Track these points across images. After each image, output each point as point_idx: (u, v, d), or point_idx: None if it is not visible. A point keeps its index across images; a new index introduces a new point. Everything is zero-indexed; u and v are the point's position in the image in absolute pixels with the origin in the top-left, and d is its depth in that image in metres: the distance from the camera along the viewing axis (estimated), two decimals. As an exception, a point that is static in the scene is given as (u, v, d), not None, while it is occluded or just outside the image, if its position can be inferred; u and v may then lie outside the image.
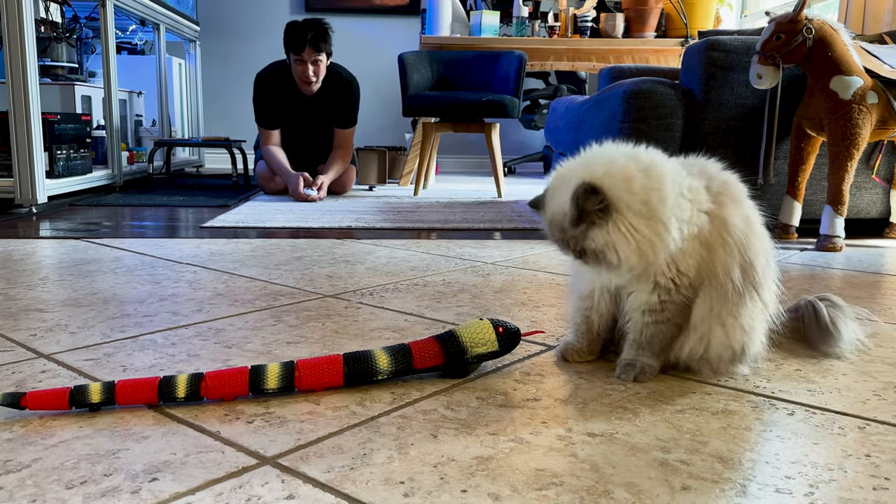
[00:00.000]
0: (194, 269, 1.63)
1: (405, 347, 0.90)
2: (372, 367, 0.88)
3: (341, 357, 0.88)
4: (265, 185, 3.39)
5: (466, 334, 0.92)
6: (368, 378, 0.88)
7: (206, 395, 0.83)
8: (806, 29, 1.96)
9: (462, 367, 0.92)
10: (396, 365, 0.89)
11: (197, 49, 4.89)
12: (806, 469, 0.69)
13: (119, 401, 0.81)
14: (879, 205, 2.31)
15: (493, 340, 0.93)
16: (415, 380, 0.92)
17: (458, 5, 4.03)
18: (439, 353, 0.91)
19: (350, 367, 0.87)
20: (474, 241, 2.13)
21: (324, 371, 0.86)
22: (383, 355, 0.89)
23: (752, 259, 0.90)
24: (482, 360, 0.93)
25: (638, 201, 0.84)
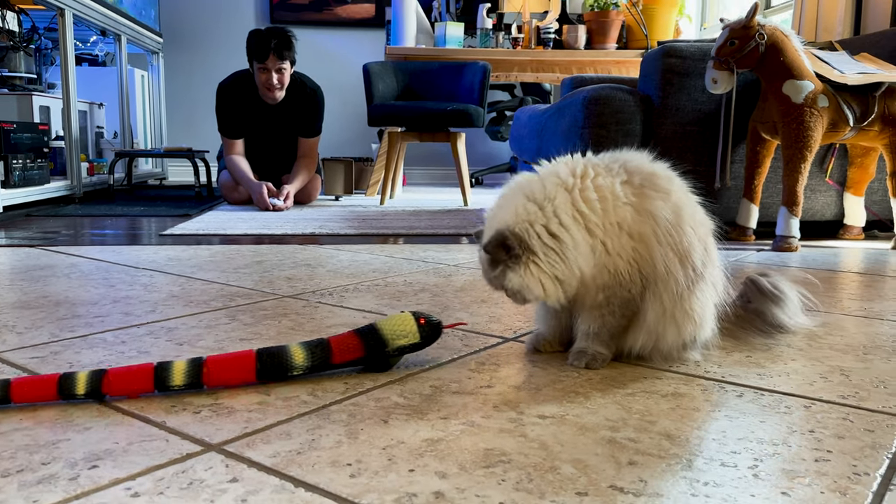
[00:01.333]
0: (150, 273, 1.60)
1: (323, 342, 0.88)
2: (287, 362, 0.85)
3: (254, 352, 0.85)
4: (229, 195, 3.36)
5: (387, 327, 0.90)
6: (283, 373, 0.85)
7: (109, 393, 0.80)
8: (758, 34, 2.01)
9: (384, 361, 0.90)
10: (313, 360, 0.86)
11: (160, 60, 4.84)
12: (751, 445, 0.70)
13: (16, 399, 0.78)
14: (834, 207, 2.37)
15: (414, 332, 0.90)
16: (368, 370, 0.91)
17: (422, 17, 4.06)
18: (359, 346, 0.88)
19: (263, 363, 0.84)
20: (439, 245, 2.13)
21: (234, 367, 0.83)
22: (299, 350, 0.86)
23: (689, 249, 0.90)
24: (404, 353, 0.91)
25: (542, 242, 0.88)
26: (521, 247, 0.88)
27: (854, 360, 0.98)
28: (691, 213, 0.92)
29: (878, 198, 2.38)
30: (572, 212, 0.89)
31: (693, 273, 0.90)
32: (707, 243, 0.93)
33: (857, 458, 0.67)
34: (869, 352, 1.02)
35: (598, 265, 0.89)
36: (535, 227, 0.89)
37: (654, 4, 4.00)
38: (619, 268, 0.90)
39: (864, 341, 1.08)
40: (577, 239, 0.88)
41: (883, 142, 2.11)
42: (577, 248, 0.88)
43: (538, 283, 0.88)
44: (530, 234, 0.88)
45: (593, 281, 0.90)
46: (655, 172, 0.93)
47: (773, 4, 3.92)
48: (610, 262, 0.89)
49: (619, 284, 0.90)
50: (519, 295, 0.90)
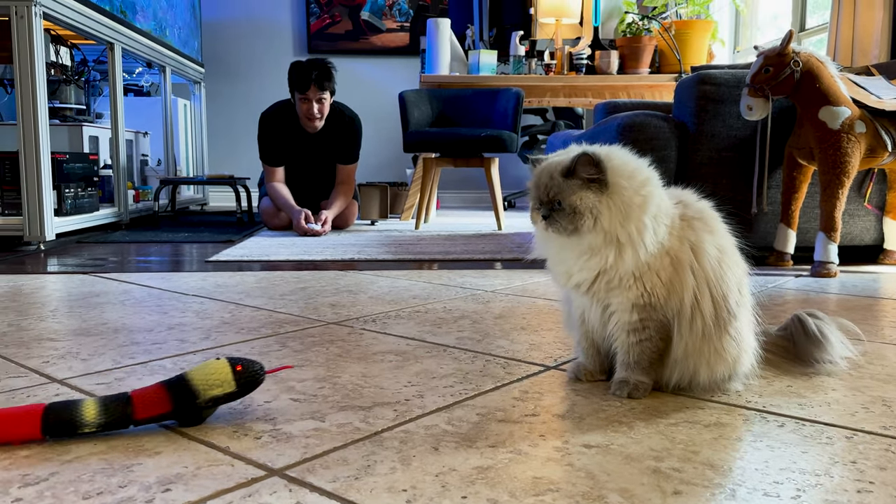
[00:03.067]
0: (200, 300, 1.66)
1: (124, 396, 0.83)
2: (76, 417, 0.79)
3: (43, 407, 0.80)
4: (269, 221, 3.44)
5: (199, 376, 0.84)
6: (72, 430, 0.80)
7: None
8: (793, 62, 2.02)
9: (196, 414, 0.84)
10: (108, 416, 0.80)
11: (202, 90, 5.00)
12: (794, 475, 0.71)
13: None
14: (873, 231, 2.35)
15: (229, 381, 0.85)
16: (415, 398, 0.95)
17: (456, 45, 4.13)
18: (166, 399, 0.83)
19: (48, 418, 0.79)
20: (475, 271, 2.16)
21: (15, 422, 0.79)
22: (92, 405, 0.81)
23: (726, 291, 0.94)
24: (219, 404, 0.85)
25: (632, 192, 0.90)
26: (609, 174, 0.89)
27: (896, 391, 0.99)
28: (732, 253, 0.96)
29: (919, 222, 2.35)
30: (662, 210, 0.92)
31: (727, 314, 0.93)
32: (742, 285, 0.96)
33: (900, 490, 0.68)
34: (911, 382, 1.03)
35: (637, 273, 0.92)
36: (635, 178, 0.90)
37: (686, 29, 4.03)
38: (655, 287, 0.93)
39: (906, 371, 1.08)
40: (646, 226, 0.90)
41: (923, 166, 2.09)
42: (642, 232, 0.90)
43: (608, 216, 0.89)
44: (629, 179, 0.90)
45: (629, 288, 0.92)
46: (706, 210, 0.98)
47: (808, 27, 3.91)
48: (648, 276, 0.92)
49: (653, 306, 0.93)
50: (578, 214, 0.89)
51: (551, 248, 0.98)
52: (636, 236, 0.90)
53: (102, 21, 3.13)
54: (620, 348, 0.97)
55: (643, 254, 0.91)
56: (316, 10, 5.20)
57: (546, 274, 2.06)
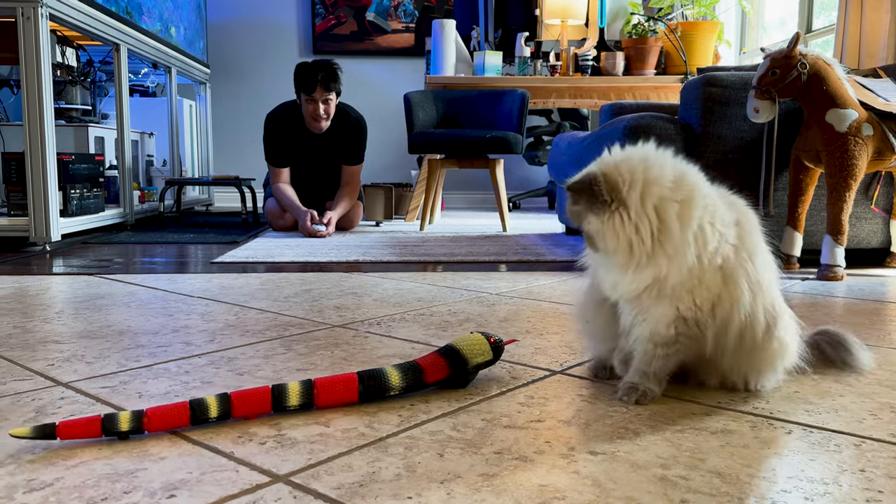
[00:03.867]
0: (206, 302, 1.66)
1: (415, 364, 0.96)
2: (386, 383, 0.93)
3: (356, 375, 0.92)
4: (274, 222, 3.44)
5: (465, 346, 0.98)
6: (383, 393, 0.93)
7: (233, 415, 0.87)
8: (800, 64, 2.01)
9: (465, 378, 1.00)
10: (407, 381, 0.94)
11: (207, 91, 5.00)
12: (802, 483, 0.71)
13: (150, 428, 0.83)
14: (880, 235, 2.34)
15: (488, 350, 1.00)
16: (420, 402, 0.95)
17: (461, 46, 4.13)
18: (445, 366, 0.97)
19: (365, 385, 0.92)
20: (479, 273, 2.16)
21: (340, 389, 0.91)
22: (394, 372, 0.94)
23: (773, 295, 0.95)
24: (479, 370, 1.00)
25: (643, 205, 0.86)
26: (610, 193, 0.86)
27: (904, 397, 0.98)
28: (766, 250, 0.97)
29: (927, 225, 2.34)
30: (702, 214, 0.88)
31: (773, 318, 0.94)
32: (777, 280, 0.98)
33: (909, 500, 0.67)
34: (919, 388, 1.02)
35: (689, 287, 0.89)
36: (652, 189, 0.86)
37: (692, 31, 4.02)
38: (704, 302, 0.91)
39: (915, 377, 1.08)
40: (683, 237, 0.86)
41: (930, 169, 2.08)
42: (679, 248, 0.86)
43: (614, 238, 0.87)
44: (630, 186, 0.86)
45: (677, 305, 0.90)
46: (743, 207, 0.96)
47: (815, 28, 3.90)
48: (699, 291, 0.90)
49: (696, 321, 0.92)
50: (591, 238, 0.91)
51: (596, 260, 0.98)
52: (681, 248, 0.86)
53: (108, 22, 3.14)
54: (642, 355, 0.95)
55: (685, 268, 0.88)
56: (321, 10, 5.21)
57: (551, 276, 2.07)
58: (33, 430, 0.78)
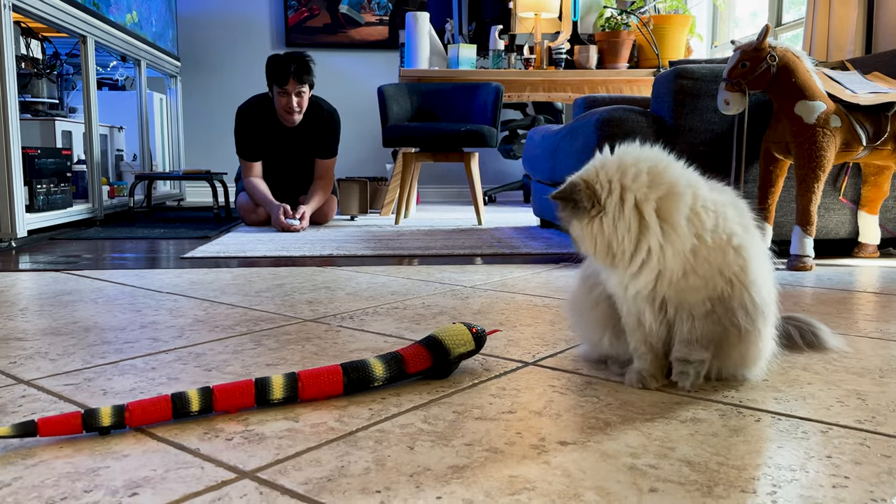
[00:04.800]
0: (175, 297, 1.64)
1: (397, 355, 0.97)
2: (370, 374, 0.93)
3: (340, 367, 0.93)
4: (246, 217, 3.41)
5: (447, 337, 1.00)
6: (367, 385, 0.94)
7: (215, 408, 0.86)
8: (770, 56, 2.03)
9: (447, 368, 1.01)
10: (391, 372, 0.95)
11: (178, 84, 4.93)
12: (770, 471, 0.71)
13: (132, 423, 0.81)
14: (848, 225, 2.37)
15: (470, 340, 1.01)
16: (392, 396, 0.94)
17: (435, 39, 4.11)
18: (427, 356, 0.98)
19: (349, 377, 0.92)
20: (454, 266, 2.16)
21: (324, 381, 0.91)
22: (378, 363, 0.95)
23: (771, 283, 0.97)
24: (462, 360, 1.01)
25: (621, 206, 0.88)
26: (590, 200, 0.89)
27: (870, 384, 0.99)
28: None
29: (893, 216, 2.38)
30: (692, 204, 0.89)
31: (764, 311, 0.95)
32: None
33: (874, 485, 0.68)
34: (885, 375, 1.04)
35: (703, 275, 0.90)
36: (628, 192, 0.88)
37: (664, 24, 4.04)
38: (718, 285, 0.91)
39: (880, 364, 1.09)
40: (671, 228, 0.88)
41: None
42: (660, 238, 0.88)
43: (591, 243, 0.90)
44: (608, 192, 0.88)
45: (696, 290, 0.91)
46: (740, 201, 1.00)
47: (785, 22, 3.94)
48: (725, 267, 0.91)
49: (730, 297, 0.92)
50: (575, 243, 0.93)
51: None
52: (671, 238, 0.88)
53: (74, 13, 3.07)
54: (685, 329, 0.93)
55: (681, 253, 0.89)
56: (294, 2, 5.15)
57: (526, 269, 2.07)
58: (13, 427, 0.76)
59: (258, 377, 0.90)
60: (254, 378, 0.90)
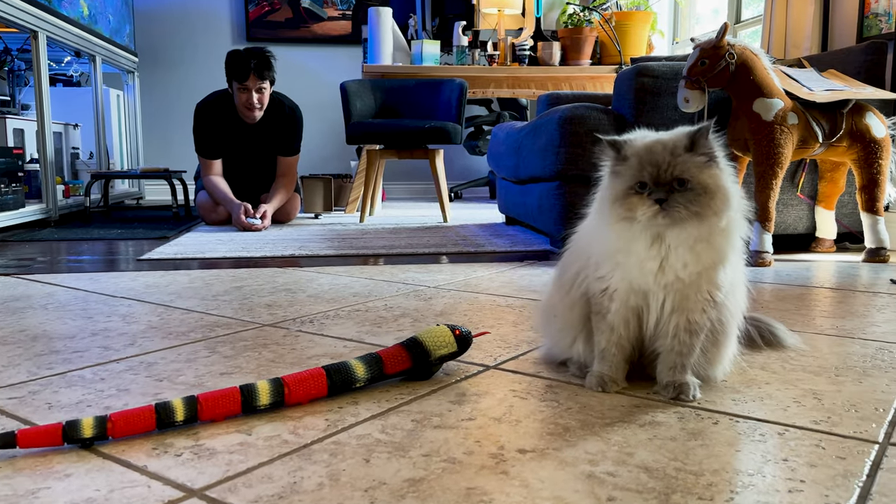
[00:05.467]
0: (129, 302, 1.59)
1: (376, 356, 0.98)
2: (352, 375, 0.94)
3: (323, 370, 0.93)
4: (207, 216, 3.34)
5: (428, 339, 1.00)
6: (350, 386, 0.94)
7: (201, 417, 0.85)
8: (728, 54, 2.05)
9: (428, 369, 1.01)
10: (371, 373, 0.96)
11: (135, 80, 4.82)
12: (727, 476, 0.71)
13: (115, 434, 0.80)
14: (806, 220, 2.41)
15: (452, 342, 1.01)
16: (349, 405, 0.92)
17: (399, 35, 4.08)
18: (407, 357, 0.98)
19: (332, 379, 0.92)
20: (418, 265, 2.14)
21: (309, 384, 0.91)
22: (359, 364, 0.95)
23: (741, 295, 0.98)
24: (443, 362, 1.01)
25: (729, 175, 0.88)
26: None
27: (827, 383, 1.00)
28: None
29: (849, 211, 2.43)
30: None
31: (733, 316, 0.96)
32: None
33: (829, 488, 0.68)
34: (841, 373, 1.05)
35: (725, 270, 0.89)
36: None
37: (626, 21, 4.06)
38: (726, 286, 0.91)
39: (837, 362, 1.10)
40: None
41: (851, 157, 2.15)
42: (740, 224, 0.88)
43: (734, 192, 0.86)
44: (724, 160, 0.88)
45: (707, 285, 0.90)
46: None
47: (744, 19, 3.99)
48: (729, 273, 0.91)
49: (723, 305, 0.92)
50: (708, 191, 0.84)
51: (633, 241, 0.88)
52: (734, 234, 0.88)
53: (24, 7, 2.98)
54: (678, 351, 0.92)
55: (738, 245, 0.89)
56: (254, -3, 5.07)
57: (490, 268, 2.06)
58: None
59: (243, 384, 0.88)
60: (239, 385, 0.89)
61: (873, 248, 2.17)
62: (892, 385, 0.99)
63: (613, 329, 0.94)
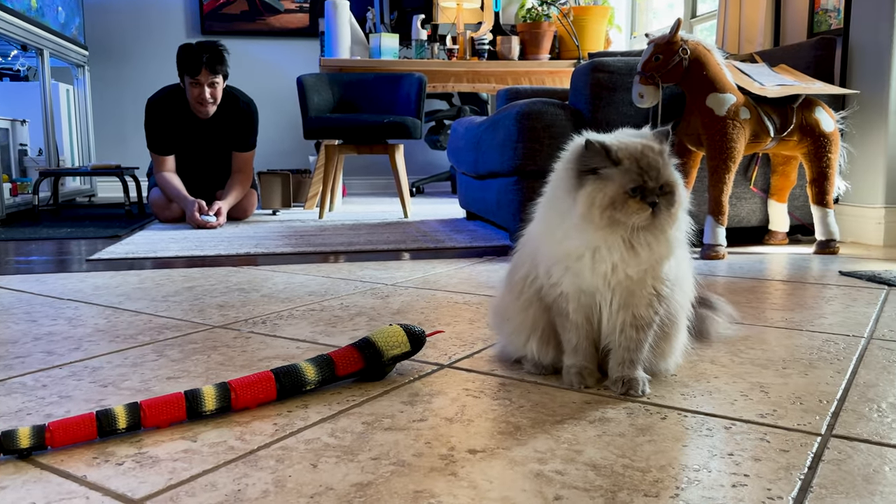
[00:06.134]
0: (76, 304, 1.55)
1: (327, 357, 0.96)
2: (302, 378, 0.93)
3: (271, 373, 0.91)
4: (160, 214, 3.27)
5: (381, 339, 0.99)
6: (300, 388, 0.93)
7: (144, 424, 0.83)
8: (682, 49, 2.07)
9: (381, 370, 1.00)
10: (322, 374, 0.94)
11: (86, 74, 4.69)
12: (674, 472, 0.72)
13: (53, 443, 0.78)
14: (759, 213, 2.46)
15: (405, 342, 1.01)
16: (299, 408, 0.90)
17: (356, 28, 4.04)
18: (359, 359, 0.98)
19: (281, 382, 0.91)
20: (377, 262, 2.12)
21: (257, 388, 0.89)
22: (309, 366, 0.94)
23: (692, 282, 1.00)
24: (396, 362, 1.01)
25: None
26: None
27: (774, 376, 1.02)
28: None
29: (800, 203, 2.48)
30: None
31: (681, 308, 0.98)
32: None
33: (772, 482, 0.69)
34: (788, 366, 1.07)
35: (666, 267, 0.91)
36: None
37: (584, 15, 4.09)
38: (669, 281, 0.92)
39: (784, 354, 1.12)
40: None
41: (802, 151, 2.20)
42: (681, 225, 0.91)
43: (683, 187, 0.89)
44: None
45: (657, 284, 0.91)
46: None
47: (699, 14, 4.05)
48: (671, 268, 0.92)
49: (668, 299, 0.93)
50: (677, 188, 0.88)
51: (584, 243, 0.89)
52: (678, 232, 0.91)
53: (-36, -1, 2.87)
54: (626, 346, 0.93)
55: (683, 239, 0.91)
56: (209, -11, 4.97)
57: (449, 264, 2.05)
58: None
59: (188, 389, 0.87)
60: (183, 391, 0.87)
61: (823, 240, 2.22)
62: (837, 377, 1.01)
63: (579, 326, 0.96)
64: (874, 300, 1.52)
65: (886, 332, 1.26)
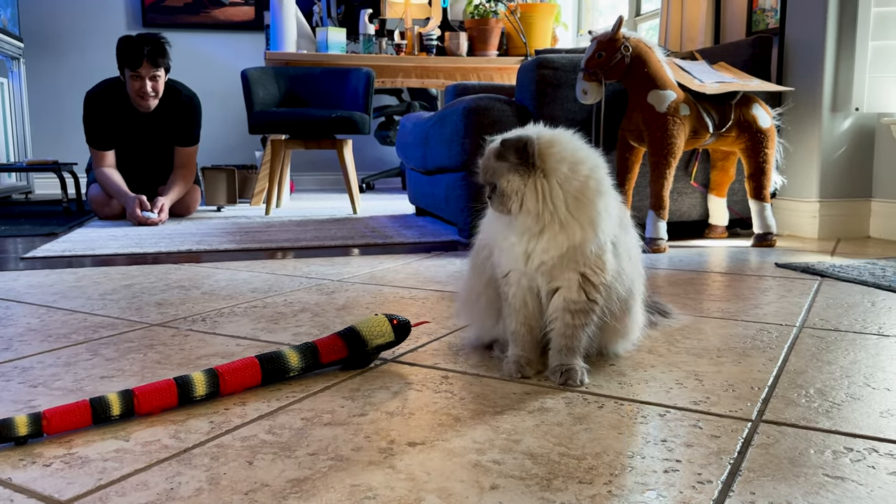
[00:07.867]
0: (7, 304, 1.49)
1: (311, 345, 0.99)
2: (286, 364, 0.95)
3: (256, 358, 0.93)
4: (99, 210, 3.18)
5: (365, 328, 1.01)
6: (284, 375, 0.95)
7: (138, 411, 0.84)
8: (624, 47, 2.10)
9: (365, 358, 1.02)
10: (306, 361, 0.97)
11: (21, 67, 4.52)
12: (608, 458, 0.73)
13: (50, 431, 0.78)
14: (699, 208, 2.52)
15: (389, 332, 1.03)
16: (237, 406, 0.89)
17: (303, 21, 3.99)
18: (343, 346, 1.00)
19: (265, 368, 0.93)
20: (324, 259, 2.10)
21: (244, 373, 0.91)
22: (293, 353, 0.96)
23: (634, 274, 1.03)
24: (380, 351, 1.03)
25: (574, 178, 0.91)
26: (539, 159, 0.91)
27: (708, 364, 1.05)
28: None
29: (739, 198, 2.55)
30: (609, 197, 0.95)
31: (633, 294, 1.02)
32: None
33: (703, 466, 0.71)
34: (722, 354, 1.10)
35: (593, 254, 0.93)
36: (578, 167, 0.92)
37: (531, 12, 4.12)
38: (606, 270, 0.95)
39: (719, 343, 1.16)
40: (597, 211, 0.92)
41: (740, 146, 2.26)
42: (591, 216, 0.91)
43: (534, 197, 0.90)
44: (559, 160, 0.91)
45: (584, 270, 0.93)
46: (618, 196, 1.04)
47: (643, 12, 4.12)
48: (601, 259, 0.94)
49: (606, 285, 0.95)
50: (506, 197, 0.92)
51: (507, 230, 0.96)
52: (594, 219, 0.92)
53: None
54: (562, 332, 0.96)
55: (601, 237, 0.93)
56: (151, -20, 4.84)
57: (396, 259, 2.05)
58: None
59: (177, 376, 0.88)
60: (173, 377, 0.88)
61: (761, 233, 2.28)
62: (769, 364, 1.05)
63: (517, 310, 0.98)
64: (807, 290, 1.57)
65: (817, 321, 1.30)
